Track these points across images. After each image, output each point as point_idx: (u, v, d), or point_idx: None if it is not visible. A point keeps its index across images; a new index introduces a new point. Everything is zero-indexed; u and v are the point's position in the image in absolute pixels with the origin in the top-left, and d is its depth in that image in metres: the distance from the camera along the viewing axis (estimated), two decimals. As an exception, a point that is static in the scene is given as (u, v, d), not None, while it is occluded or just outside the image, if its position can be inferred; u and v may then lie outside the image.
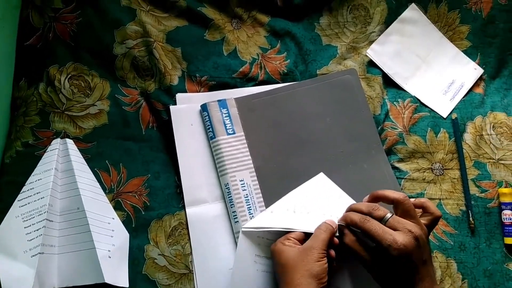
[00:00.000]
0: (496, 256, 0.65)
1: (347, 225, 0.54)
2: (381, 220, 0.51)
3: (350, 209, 0.55)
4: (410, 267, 0.49)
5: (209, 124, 0.67)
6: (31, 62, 0.70)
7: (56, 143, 0.65)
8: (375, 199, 0.56)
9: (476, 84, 0.75)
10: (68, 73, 0.70)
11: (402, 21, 0.75)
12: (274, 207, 0.60)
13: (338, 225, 0.55)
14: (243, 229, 0.56)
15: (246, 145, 0.67)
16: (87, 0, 0.70)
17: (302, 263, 0.50)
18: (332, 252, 0.54)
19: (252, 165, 0.66)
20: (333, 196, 0.61)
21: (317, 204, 0.60)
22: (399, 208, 0.52)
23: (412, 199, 0.54)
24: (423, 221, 0.52)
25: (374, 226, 0.50)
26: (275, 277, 0.56)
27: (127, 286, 0.58)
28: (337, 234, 0.55)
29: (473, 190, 0.68)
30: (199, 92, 0.71)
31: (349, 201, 0.60)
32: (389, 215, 0.51)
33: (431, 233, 0.55)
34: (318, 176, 0.64)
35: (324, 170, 0.65)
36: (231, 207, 0.63)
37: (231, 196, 0.64)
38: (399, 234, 0.49)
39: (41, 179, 0.62)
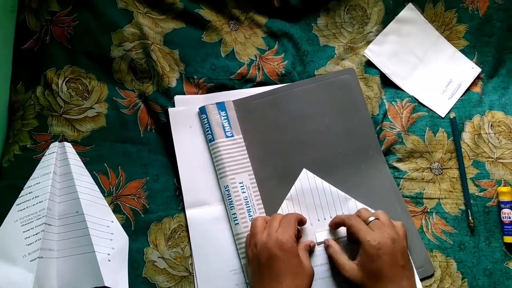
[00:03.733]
0: (495, 255, 0.65)
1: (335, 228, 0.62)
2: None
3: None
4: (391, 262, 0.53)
5: (208, 127, 0.67)
6: (28, 65, 0.70)
7: (54, 146, 0.65)
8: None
9: (473, 83, 0.75)
10: (66, 76, 0.69)
11: (399, 21, 0.75)
12: None
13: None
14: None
15: (244, 147, 0.67)
16: (84, 2, 0.70)
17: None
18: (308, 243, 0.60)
19: (250, 168, 0.66)
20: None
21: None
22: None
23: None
24: None
25: (357, 222, 0.57)
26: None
27: (127, 289, 0.58)
28: (317, 242, 0.61)
29: (472, 189, 0.68)
30: (198, 94, 0.71)
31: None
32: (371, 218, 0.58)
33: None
34: (303, 173, 0.65)
35: (321, 171, 0.66)
36: (231, 209, 0.63)
37: (231, 198, 0.64)
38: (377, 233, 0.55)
39: (39, 183, 0.62)
